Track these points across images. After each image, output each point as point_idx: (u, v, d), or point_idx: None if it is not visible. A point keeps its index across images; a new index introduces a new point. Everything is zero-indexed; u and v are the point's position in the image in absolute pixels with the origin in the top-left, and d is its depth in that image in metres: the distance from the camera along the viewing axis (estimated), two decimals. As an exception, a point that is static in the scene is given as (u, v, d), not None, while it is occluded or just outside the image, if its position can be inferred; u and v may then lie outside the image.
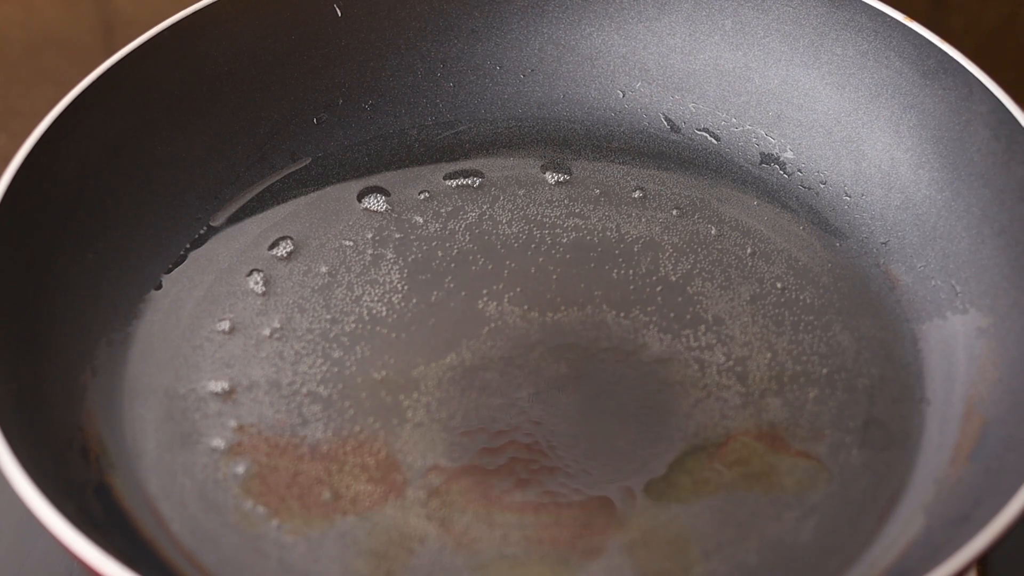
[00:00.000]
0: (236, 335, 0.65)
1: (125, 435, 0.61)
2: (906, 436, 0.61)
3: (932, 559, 0.53)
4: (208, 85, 0.71)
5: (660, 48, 0.74)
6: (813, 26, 0.72)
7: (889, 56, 0.70)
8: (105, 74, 0.68)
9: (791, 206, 0.70)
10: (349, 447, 0.61)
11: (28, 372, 0.60)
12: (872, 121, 0.70)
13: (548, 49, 0.75)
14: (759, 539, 0.58)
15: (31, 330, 0.62)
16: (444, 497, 0.59)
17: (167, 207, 0.69)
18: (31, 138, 0.64)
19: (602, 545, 0.58)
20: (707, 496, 0.59)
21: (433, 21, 0.75)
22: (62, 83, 0.68)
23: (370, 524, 0.59)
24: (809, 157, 0.71)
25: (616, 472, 0.60)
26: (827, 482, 0.60)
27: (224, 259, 0.68)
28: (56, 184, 0.65)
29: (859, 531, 0.58)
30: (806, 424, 0.61)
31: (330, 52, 0.73)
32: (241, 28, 0.72)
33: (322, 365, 0.64)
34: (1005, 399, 0.60)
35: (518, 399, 0.62)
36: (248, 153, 0.71)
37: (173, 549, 0.58)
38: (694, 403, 0.62)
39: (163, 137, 0.69)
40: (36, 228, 0.64)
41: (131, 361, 0.64)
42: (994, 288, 0.64)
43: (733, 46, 0.73)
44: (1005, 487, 0.55)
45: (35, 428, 0.58)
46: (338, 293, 0.66)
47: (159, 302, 0.66)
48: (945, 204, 0.67)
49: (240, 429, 0.62)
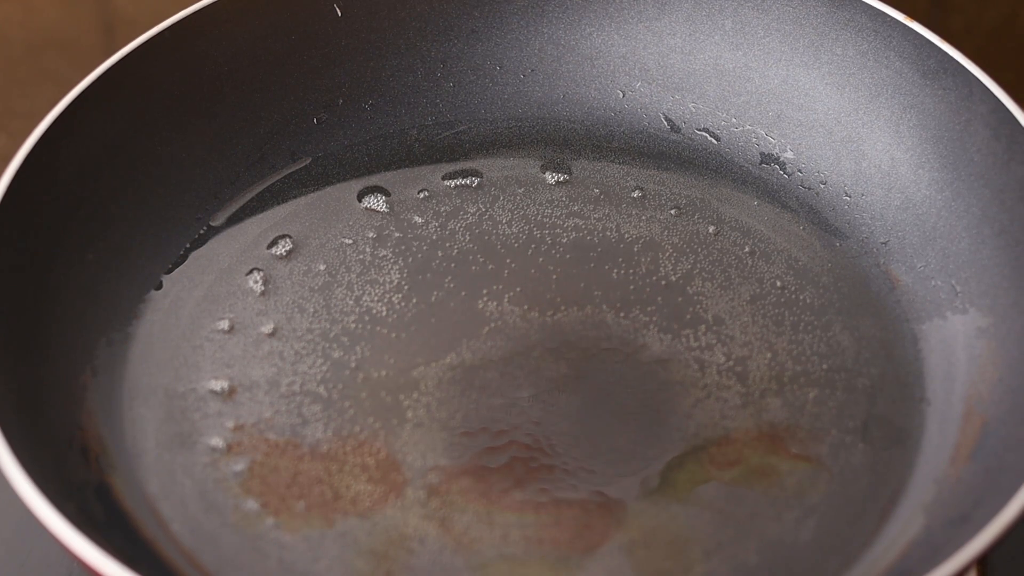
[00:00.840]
0: (236, 335, 0.65)
1: (125, 435, 0.61)
2: (906, 436, 0.61)
3: (932, 559, 0.53)
4: (208, 85, 0.71)
5: (660, 48, 0.74)
6: (813, 26, 0.72)
7: (889, 56, 0.70)
8: (105, 74, 0.68)
9: (791, 206, 0.70)
10: (349, 447, 0.61)
11: (28, 372, 0.60)
12: (872, 121, 0.70)
13: (548, 49, 0.75)
14: (759, 539, 0.58)
15: (31, 330, 0.62)
16: (444, 497, 0.59)
17: (167, 207, 0.69)
18: (31, 138, 0.64)
19: (602, 545, 0.58)
20: (707, 496, 0.59)
21: (433, 21, 0.75)
22: (62, 83, 0.68)
23: (370, 524, 0.59)
24: (809, 157, 0.71)
25: (616, 472, 0.60)
26: (827, 482, 0.60)
27: (224, 259, 0.68)
28: (56, 184, 0.65)
29: (859, 531, 0.58)
30: (806, 424, 0.61)
31: (330, 52, 0.73)
32: (241, 28, 0.72)
33: (322, 365, 0.64)
34: (1005, 399, 0.60)
35: (518, 399, 0.62)
36: (248, 153, 0.71)
37: (173, 549, 0.58)
38: (694, 403, 0.62)
39: (163, 137, 0.69)
40: (36, 228, 0.64)
41: (131, 361, 0.64)
42: (994, 288, 0.64)
43: (733, 46, 0.73)
44: (1005, 487, 0.55)
45: (35, 428, 0.58)
46: (338, 293, 0.66)
47: (159, 302, 0.66)
48: (945, 204, 0.67)
49: (240, 429, 0.62)
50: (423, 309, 0.66)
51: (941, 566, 0.52)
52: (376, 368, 0.64)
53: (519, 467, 0.60)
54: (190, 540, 0.58)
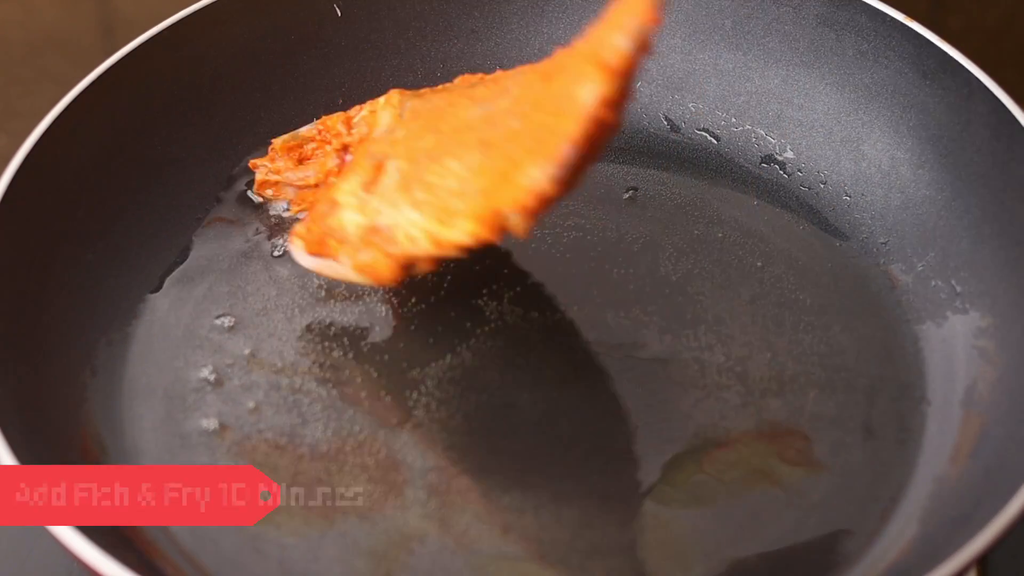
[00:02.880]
0: (236, 335, 0.65)
1: (125, 434, 0.61)
2: (906, 436, 0.61)
3: (932, 559, 0.53)
4: (208, 85, 0.71)
5: (660, 48, 0.74)
6: (813, 26, 0.72)
7: (889, 56, 0.70)
8: (105, 74, 0.68)
9: (791, 206, 0.70)
10: (349, 447, 0.61)
11: (28, 372, 0.60)
12: (872, 121, 0.70)
13: (548, 49, 0.75)
14: (759, 539, 0.58)
15: (31, 330, 0.62)
16: (444, 497, 0.59)
17: (167, 207, 0.69)
18: (31, 138, 0.65)
19: (602, 545, 0.58)
20: (707, 496, 0.59)
21: (433, 21, 0.75)
22: (62, 83, 0.68)
23: (370, 524, 0.59)
24: (809, 157, 0.71)
25: (616, 472, 0.60)
26: (827, 482, 0.60)
27: (224, 259, 0.68)
28: (56, 184, 0.65)
29: (859, 531, 0.58)
30: (806, 424, 0.61)
31: (330, 52, 0.73)
32: (241, 28, 0.72)
33: (322, 365, 0.64)
34: (1005, 399, 0.60)
35: (518, 399, 0.62)
36: (248, 153, 0.71)
37: (173, 549, 0.58)
38: (694, 403, 0.62)
39: (163, 137, 0.70)
40: (36, 229, 0.64)
41: (130, 361, 0.64)
42: (994, 288, 0.64)
43: (733, 46, 0.73)
44: (1005, 487, 0.55)
45: (35, 428, 0.58)
46: (338, 292, 0.66)
47: (159, 302, 0.66)
48: (945, 204, 0.67)
49: (240, 429, 0.62)
50: (423, 309, 0.66)
51: (941, 566, 0.52)
52: (376, 368, 0.64)
53: (519, 467, 0.60)
54: (190, 540, 0.58)
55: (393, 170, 0.62)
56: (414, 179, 0.61)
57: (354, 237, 0.62)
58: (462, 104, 0.63)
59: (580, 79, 0.54)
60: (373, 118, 0.67)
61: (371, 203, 0.62)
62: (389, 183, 0.62)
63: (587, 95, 0.54)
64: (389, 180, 0.62)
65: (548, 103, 0.57)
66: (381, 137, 0.65)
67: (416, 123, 0.64)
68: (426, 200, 0.60)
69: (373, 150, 0.64)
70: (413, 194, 0.60)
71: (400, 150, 0.63)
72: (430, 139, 0.62)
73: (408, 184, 0.61)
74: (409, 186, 0.61)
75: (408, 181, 0.61)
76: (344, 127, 0.68)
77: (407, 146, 0.63)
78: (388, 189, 0.61)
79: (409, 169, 0.61)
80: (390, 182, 0.62)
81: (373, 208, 0.62)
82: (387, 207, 0.61)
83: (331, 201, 0.63)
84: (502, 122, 0.59)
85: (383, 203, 0.61)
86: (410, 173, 0.61)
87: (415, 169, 0.61)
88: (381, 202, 0.61)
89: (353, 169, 0.64)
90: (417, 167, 0.61)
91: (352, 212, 0.62)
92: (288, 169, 0.69)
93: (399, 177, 0.61)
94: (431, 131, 0.62)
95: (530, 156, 0.55)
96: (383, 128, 0.66)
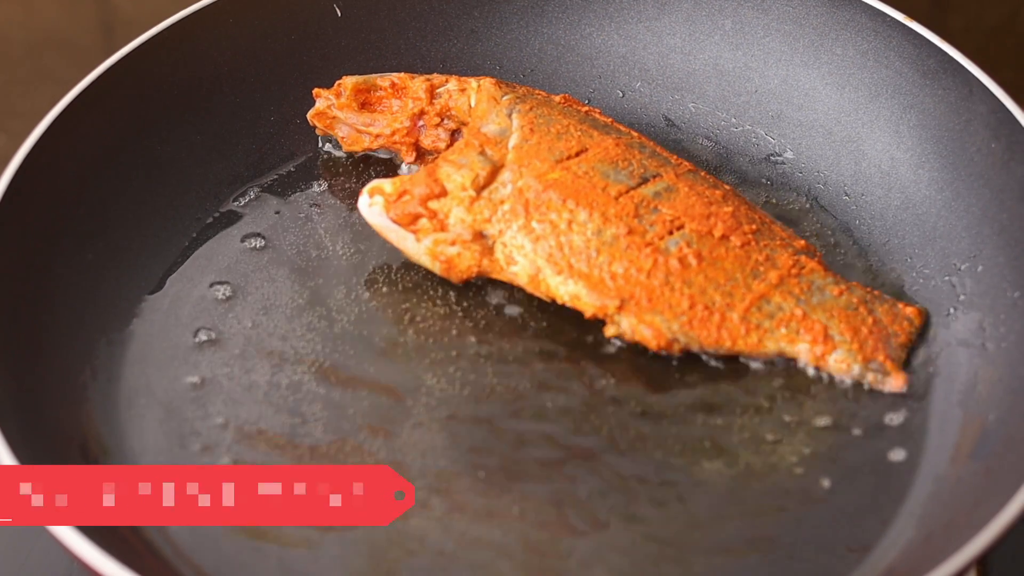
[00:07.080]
0: (236, 335, 0.65)
1: (125, 435, 0.61)
2: (906, 436, 0.61)
3: (932, 559, 0.53)
4: (208, 85, 0.71)
5: (660, 48, 0.74)
6: (813, 26, 0.72)
7: (889, 56, 0.70)
8: (105, 74, 0.68)
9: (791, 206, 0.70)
10: (349, 447, 0.61)
11: (28, 372, 0.60)
12: (872, 121, 0.70)
13: (548, 49, 0.75)
14: (759, 538, 0.58)
15: (31, 330, 0.62)
16: (444, 497, 0.59)
17: (167, 207, 0.69)
18: (31, 138, 0.65)
19: (603, 544, 0.58)
20: (707, 495, 0.59)
21: (433, 21, 0.75)
22: (62, 83, 0.68)
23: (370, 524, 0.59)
24: (809, 157, 0.71)
25: (616, 471, 0.60)
26: (828, 483, 0.60)
27: (224, 259, 0.68)
28: (56, 184, 0.65)
29: (860, 531, 0.58)
30: (806, 424, 0.61)
31: (330, 52, 0.73)
32: (241, 28, 0.72)
33: (322, 365, 0.64)
34: (1005, 399, 0.60)
35: (518, 399, 0.62)
36: (248, 153, 0.71)
37: (173, 549, 0.58)
38: (695, 402, 0.62)
39: (163, 137, 0.70)
40: (36, 229, 0.64)
41: (130, 361, 0.64)
42: (994, 288, 0.64)
43: (733, 46, 0.73)
44: (1005, 487, 0.55)
45: (35, 428, 0.58)
46: (338, 292, 0.66)
47: (159, 302, 0.66)
48: (945, 204, 0.67)
49: (239, 428, 0.62)
50: (423, 309, 0.66)
51: (941, 566, 0.52)
52: (376, 368, 0.64)
53: (519, 467, 0.60)
54: (190, 540, 0.58)
55: (509, 182, 0.63)
56: (535, 207, 0.62)
57: (453, 230, 0.63)
58: (602, 158, 0.64)
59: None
60: (461, 97, 0.67)
61: (481, 206, 0.63)
62: (505, 194, 0.63)
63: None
64: (504, 191, 0.63)
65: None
66: (492, 136, 0.64)
67: (535, 138, 0.64)
68: (543, 236, 0.62)
69: (489, 152, 0.64)
70: (530, 222, 0.62)
71: (520, 166, 0.63)
72: (558, 174, 0.63)
73: (527, 207, 0.62)
74: (528, 211, 0.62)
75: (527, 204, 0.62)
76: (426, 94, 0.69)
77: (529, 165, 0.64)
78: (503, 200, 0.63)
79: (531, 194, 0.63)
80: (506, 193, 0.63)
81: (482, 212, 0.63)
82: (498, 220, 0.62)
83: (438, 183, 0.63)
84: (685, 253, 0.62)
85: (493, 212, 0.62)
86: (531, 199, 0.63)
87: (537, 198, 0.62)
88: (492, 211, 0.63)
89: (466, 160, 0.64)
90: (539, 197, 0.62)
91: (460, 208, 0.63)
92: (349, 108, 0.69)
93: (518, 195, 0.63)
94: (559, 164, 0.64)
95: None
96: (485, 119, 0.66)
